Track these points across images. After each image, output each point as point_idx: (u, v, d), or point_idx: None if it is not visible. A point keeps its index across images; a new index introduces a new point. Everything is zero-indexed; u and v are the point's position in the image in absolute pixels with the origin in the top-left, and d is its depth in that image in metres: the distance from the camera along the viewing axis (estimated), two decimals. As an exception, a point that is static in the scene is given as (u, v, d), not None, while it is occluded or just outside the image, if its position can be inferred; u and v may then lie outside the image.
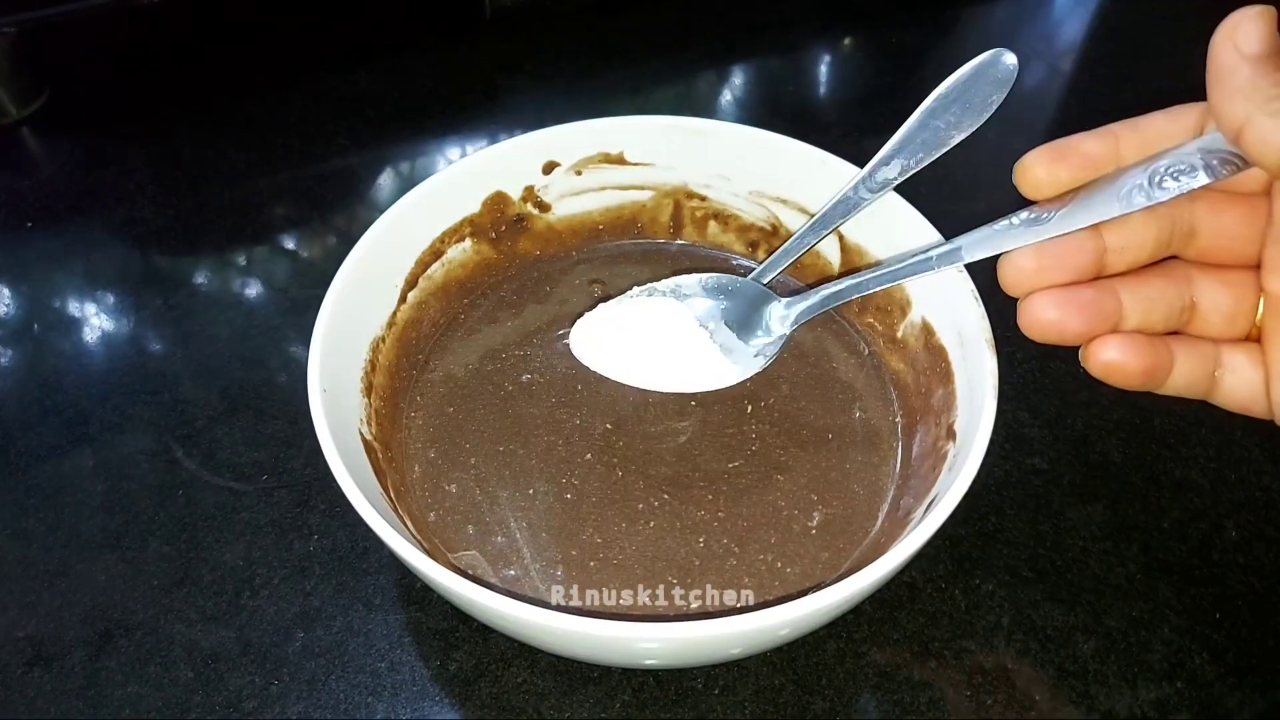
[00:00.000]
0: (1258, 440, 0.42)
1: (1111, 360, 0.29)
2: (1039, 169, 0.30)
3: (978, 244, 0.31)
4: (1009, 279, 0.30)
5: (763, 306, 0.37)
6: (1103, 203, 0.29)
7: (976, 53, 0.35)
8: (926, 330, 0.38)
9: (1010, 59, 0.34)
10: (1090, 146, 0.29)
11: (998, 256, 0.31)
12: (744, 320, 0.37)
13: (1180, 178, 0.27)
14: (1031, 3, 0.71)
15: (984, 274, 0.35)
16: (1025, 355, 0.46)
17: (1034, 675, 0.36)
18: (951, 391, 0.36)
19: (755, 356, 0.37)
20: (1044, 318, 0.29)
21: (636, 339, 0.37)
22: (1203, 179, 0.27)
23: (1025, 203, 0.31)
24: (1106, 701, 0.35)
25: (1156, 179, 0.28)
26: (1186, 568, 0.38)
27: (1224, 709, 0.35)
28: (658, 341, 0.37)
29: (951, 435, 0.35)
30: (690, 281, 0.38)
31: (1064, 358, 0.46)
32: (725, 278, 0.38)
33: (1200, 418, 0.43)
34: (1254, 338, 0.31)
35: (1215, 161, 0.27)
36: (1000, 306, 0.33)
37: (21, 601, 0.38)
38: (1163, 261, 0.31)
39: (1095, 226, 0.29)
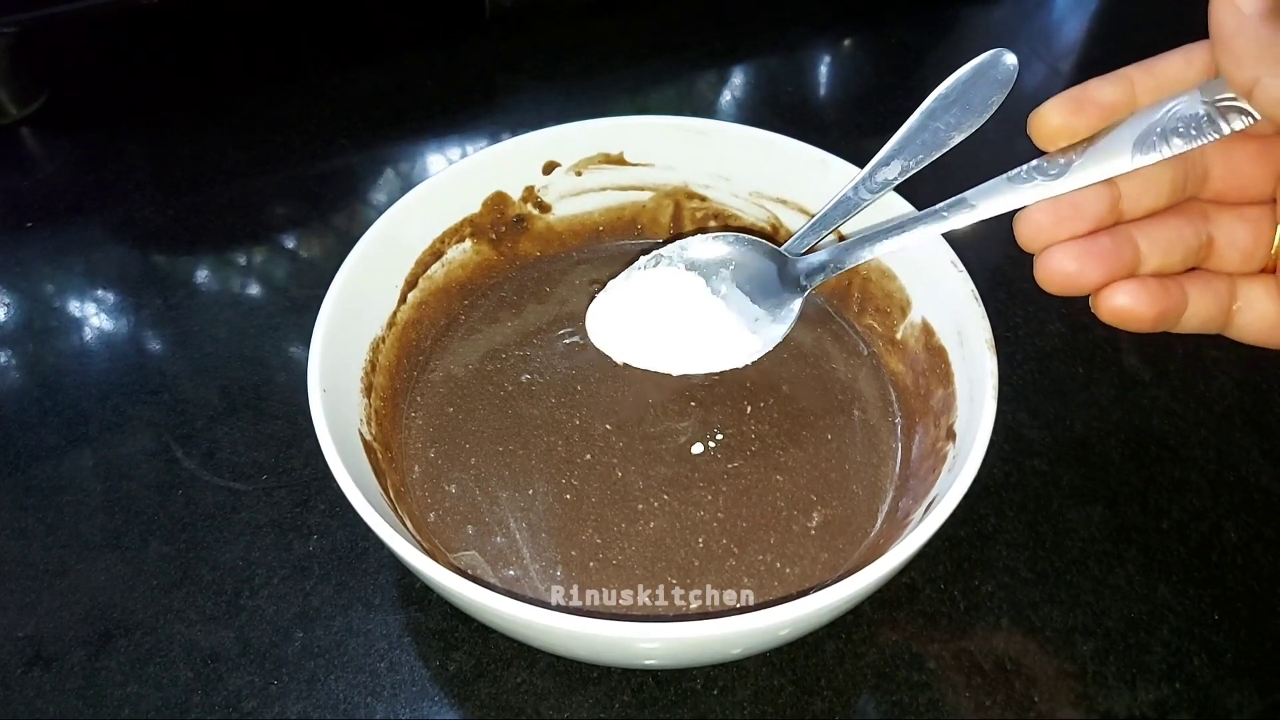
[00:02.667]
0: (1257, 441, 0.42)
1: (1122, 306, 0.29)
2: (1055, 119, 0.29)
3: (987, 196, 0.31)
4: (1026, 235, 0.30)
5: (775, 267, 0.37)
6: (1115, 154, 0.28)
7: (976, 52, 0.35)
8: (926, 331, 0.38)
9: (1010, 59, 0.34)
10: (1106, 94, 0.29)
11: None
12: (756, 283, 0.37)
13: (1192, 132, 0.27)
14: (1031, 3, 0.71)
15: (984, 274, 0.35)
16: (1025, 356, 0.46)
17: (1033, 676, 0.36)
18: (951, 393, 0.36)
19: (774, 322, 0.36)
20: (1064, 270, 0.29)
21: (654, 320, 0.37)
22: (1214, 135, 0.27)
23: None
24: (1105, 702, 0.35)
25: (1169, 132, 0.27)
26: (1186, 569, 0.38)
27: (1223, 710, 0.35)
28: (676, 320, 0.37)
29: (951, 436, 0.35)
30: (697, 244, 0.37)
31: (1064, 359, 0.46)
32: (731, 236, 0.37)
33: (1200, 418, 0.43)
34: (1270, 270, 0.30)
35: (1228, 112, 0.27)
36: (1000, 307, 0.33)
37: (21, 601, 0.38)
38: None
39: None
